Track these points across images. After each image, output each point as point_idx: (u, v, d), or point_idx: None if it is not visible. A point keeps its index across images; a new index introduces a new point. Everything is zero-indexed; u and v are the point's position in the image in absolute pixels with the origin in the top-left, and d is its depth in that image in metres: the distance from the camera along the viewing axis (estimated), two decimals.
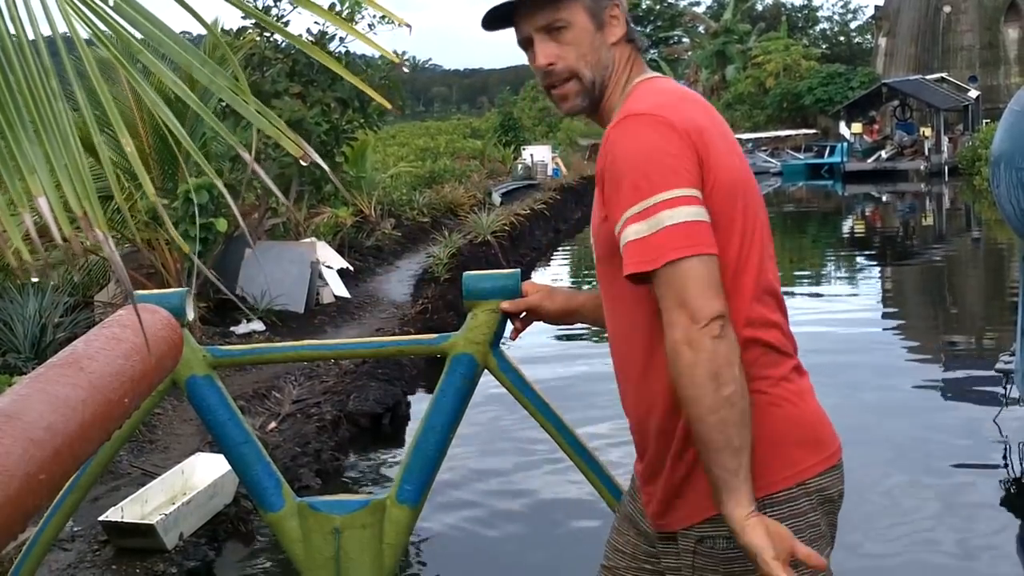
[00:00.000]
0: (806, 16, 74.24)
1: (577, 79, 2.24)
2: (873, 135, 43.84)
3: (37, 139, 1.57)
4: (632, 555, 2.44)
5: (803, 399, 2.22)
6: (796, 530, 2.08)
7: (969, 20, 48.83)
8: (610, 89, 2.27)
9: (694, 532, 2.20)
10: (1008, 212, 6.15)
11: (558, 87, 2.26)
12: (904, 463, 7.21)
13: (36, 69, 1.63)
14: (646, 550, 2.41)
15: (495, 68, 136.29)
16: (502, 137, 39.12)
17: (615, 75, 2.26)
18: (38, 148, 1.56)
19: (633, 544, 2.44)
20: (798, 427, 2.20)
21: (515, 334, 2.74)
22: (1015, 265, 16.29)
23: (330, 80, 13.14)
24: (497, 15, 2.27)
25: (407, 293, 13.88)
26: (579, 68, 2.22)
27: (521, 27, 2.26)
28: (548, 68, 2.23)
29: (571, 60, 2.22)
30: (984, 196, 27.62)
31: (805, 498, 2.17)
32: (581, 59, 2.22)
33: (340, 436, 8.14)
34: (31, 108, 1.60)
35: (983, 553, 5.96)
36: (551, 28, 2.22)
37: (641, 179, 2.04)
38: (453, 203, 22.52)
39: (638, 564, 2.42)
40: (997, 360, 7.82)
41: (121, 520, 5.50)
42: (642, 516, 2.42)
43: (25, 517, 1.59)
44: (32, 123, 1.58)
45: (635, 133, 2.09)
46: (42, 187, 1.49)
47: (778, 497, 2.14)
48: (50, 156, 1.56)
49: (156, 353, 2.15)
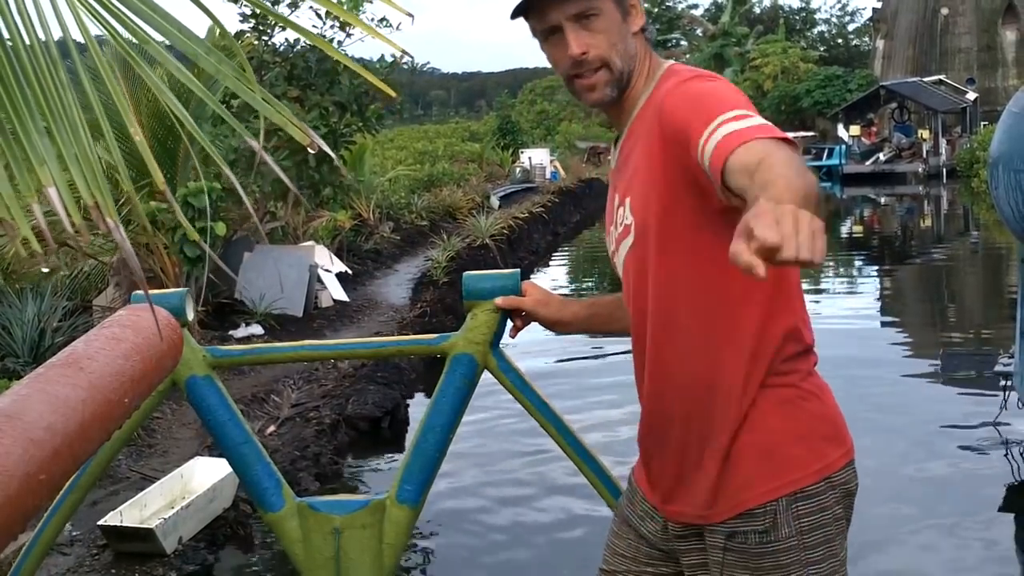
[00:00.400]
0: (804, 19, 74.21)
1: (607, 68, 2.21)
2: (871, 137, 43.83)
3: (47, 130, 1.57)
4: (633, 558, 2.44)
5: (825, 394, 2.27)
6: (823, 524, 2.16)
7: (967, 22, 48.84)
8: (635, 78, 2.26)
9: (724, 527, 2.21)
10: (1007, 214, 6.16)
11: (586, 77, 2.23)
12: (902, 465, 7.21)
13: (45, 60, 1.63)
14: (648, 552, 2.41)
15: (493, 71, 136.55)
16: (500, 140, 39.15)
17: (639, 64, 2.26)
18: (47, 139, 1.55)
19: (634, 548, 2.44)
20: (824, 422, 2.24)
21: (514, 332, 2.73)
22: (1013, 267, 16.30)
23: (328, 84, 13.16)
24: (528, 4, 2.23)
25: (405, 297, 13.88)
26: (610, 57, 2.20)
27: (549, 15, 2.21)
28: (581, 57, 2.20)
29: (603, 49, 2.20)
30: (982, 198, 27.63)
31: (831, 492, 2.20)
32: (612, 48, 2.20)
33: (339, 440, 8.14)
34: (40, 99, 1.60)
35: (982, 555, 5.96)
36: (583, 16, 2.18)
37: (724, 101, 1.97)
38: (451, 206, 22.53)
39: (639, 567, 2.42)
40: (996, 362, 7.82)
41: (120, 524, 5.49)
42: (641, 519, 2.42)
43: (25, 517, 1.58)
44: (41, 114, 1.58)
45: (702, 83, 2.10)
46: (52, 178, 1.49)
47: (809, 491, 2.18)
48: (60, 147, 1.56)
49: (156, 353, 2.14)
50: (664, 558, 2.40)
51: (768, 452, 2.16)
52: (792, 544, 2.16)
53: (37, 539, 2.66)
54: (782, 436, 2.17)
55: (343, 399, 8.78)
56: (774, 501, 2.16)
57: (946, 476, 7.17)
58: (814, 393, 2.24)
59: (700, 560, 2.28)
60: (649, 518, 2.40)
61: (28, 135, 1.55)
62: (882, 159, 41.33)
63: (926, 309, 14.91)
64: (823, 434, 2.23)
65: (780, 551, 2.16)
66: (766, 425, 2.18)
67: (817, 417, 2.23)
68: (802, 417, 2.20)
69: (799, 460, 2.18)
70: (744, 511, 2.16)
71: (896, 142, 42.35)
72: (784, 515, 2.16)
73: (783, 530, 2.16)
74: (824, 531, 2.18)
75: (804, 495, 2.17)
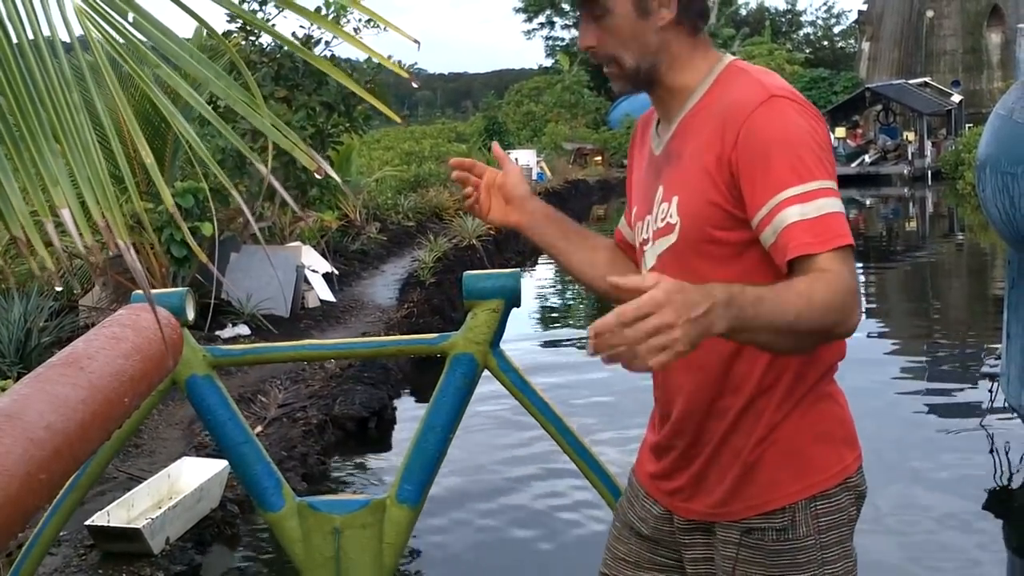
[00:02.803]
0: (790, 21, 74.34)
1: (616, 63, 2.22)
2: (856, 139, 43.93)
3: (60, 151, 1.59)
4: (636, 563, 2.43)
5: (841, 396, 2.29)
6: (839, 524, 2.20)
7: (952, 25, 49.00)
8: (663, 72, 2.22)
9: (741, 524, 2.21)
10: (994, 216, 6.17)
11: (604, 68, 2.25)
12: (888, 467, 7.21)
13: (58, 82, 1.64)
14: (650, 558, 2.41)
15: (479, 72, 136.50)
16: (487, 141, 39.12)
17: (668, 58, 2.22)
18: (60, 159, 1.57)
19: (636, 552, 2.43)
20: (842, 425, 2.27)
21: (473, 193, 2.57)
22: (998, 268, 16.36)
23: (316, 84, 13.13)
24: None
25: (392, 297, 13.86)
26: (618, 54, 2.21)
27: (575, 6, 2.26)
28: (589, 50, 2.24)
29: (610, 46, 2.21)
30: (967, 200, 27.73)
31: (846, 494, 2.23)
32: (620, 46, 2.20)
33: (326, 440, 8.13)
34: (53, 120, 1.61)
35: (968, 557, 5.97)
36: (593, 13, 2.20)
37: (798, 162, 2.01)
38: (438, 207, 22.50)
39: (643, 571, 2.42)
40: (982, 363, 7.85)
41: (107, 524, 5.47)
42: (643, 520, 2.41)
43: (25, 517, 1.58)
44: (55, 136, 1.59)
45: (786, 115, 2.07)
46: (65, 198, 1.50)
47: (830, 492, 2.20)
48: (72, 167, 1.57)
49: (156, 352, 2.14)
50: (667, 556, 2.39)
51: (792, 453, 2.17)
52: (809, 543, 2.18)
53: (37, 539, 2.66)
54: (806, 438, 2.18)
55: (330, 399, 8.77)
56: (795, 502, 2.18)
57: (932, 477, 7.18)
58: (832, 396, 2.25)
59: (704, 555, 2.29)
60: (651, 516, 2.39)
61: (42, 156, 1.57)
62: (867, 161, 41.43)
63: (912, 310, 14.94)
64: (842, 436, 2.25)
65: (797, 549, 2.18)
66: (791, 426, 2.19)
67: (836, 420, 2.25)
68: (824, 419, 2.22)
69: (821, 462, 2.20)
70: (769, 510, 2.17)
71: (881, 144, 42.47)
72: (803, 514, 2.18)
73: (801, 529, 2.18)
74: (840, 532, 2.21)
75: (823, 495, 2.19)
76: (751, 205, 2.04)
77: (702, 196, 2.13)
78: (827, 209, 1.98)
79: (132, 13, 1.74)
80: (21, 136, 1.57)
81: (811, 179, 2.00)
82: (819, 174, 2.01)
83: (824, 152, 2.06)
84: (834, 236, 1.96)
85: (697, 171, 2.14)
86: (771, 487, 2.15)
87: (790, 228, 1.98)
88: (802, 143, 2.04)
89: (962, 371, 10.14)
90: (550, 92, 52.58)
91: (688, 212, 2.17)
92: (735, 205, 2.09)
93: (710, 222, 2.13)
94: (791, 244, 1.97)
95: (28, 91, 1.60)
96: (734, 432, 2.20)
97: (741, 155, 2.06)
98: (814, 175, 2.01)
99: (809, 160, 2.02)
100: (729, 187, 2.09)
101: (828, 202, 1.99)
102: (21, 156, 1.57)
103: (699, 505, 2.27)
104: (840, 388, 2.29)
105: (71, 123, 1.62)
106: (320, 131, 13.19)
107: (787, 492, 2.18)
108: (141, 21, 1.73)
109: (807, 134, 2.06)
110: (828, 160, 2.06)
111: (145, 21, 1.73)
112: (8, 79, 1.59)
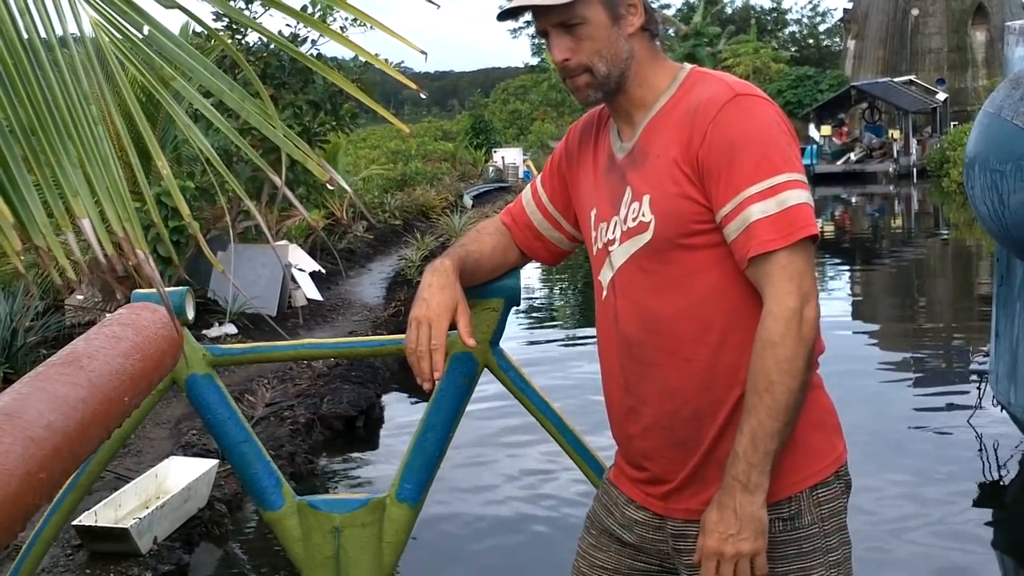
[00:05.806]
0: (775, 19, 74.56)
1: (590, 72, 2.23)
2: (842, 137, 44.08)
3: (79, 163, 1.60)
4: (615, 570, 2.43)
5: (823, 386, 2.31)
6: (838, 512, 2.26)
7: (937, 23, 49.22)
8: (630, 79, 2.25)
9: None
10: (983, 213, 6.19)
11: (572, 79, 2.25)
12: (877, 465, 7.23)
13: (77, 96, 1.66)
14: (630, 564, 2.41)
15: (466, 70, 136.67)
16: (473, 140, 39.17)
17: (635, 65, 2.25)
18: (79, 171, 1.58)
19: (616, 559, 2.43)
20: (830, 414, 2.31)
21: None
22: (983, 266, 16.43)
23: (302, 83, 13.11)
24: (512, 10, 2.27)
25: (379, 296, 13.85)
26: (593, 62, 2.22)
27: (538, 20, 2.25)
28: (563, 63, 2.24)
29: (584, 56, 2.21)
30: (952, 198, 27.86)
31: (837, 483, 2.28)
32: (595, 54, 2.21)
33: (314, 439, 8.11)
34: (72, 133, 1.63)
35: (956, 554, 5.99)
36: (567, 24, 2.21)
37: (763, 159, 2.08)
38: (425, 205, 22.54)
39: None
40: (970, 361, 7.87)
41: (95, 524, 5.45)
42: (625, 528, 2.39)
43: (25, 516, 1.57)
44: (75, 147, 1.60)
45: (751, 112, 2.13)
46: (85, 209, 1.51)
47: (828, 480, 2.25)
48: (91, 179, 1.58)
49: (156, 351, 2.13)
50: (648, 563, 2.39)
51: (793, 443, 2.15)
52: (814, 531, 2.22)
53: (37, 538, 2.65)
54: (804, 427, 2.18)
55: (317, 398, 8.76)
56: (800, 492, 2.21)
57: (920, 473, 7.19)
58: (819, 385, 2.28)
59: None
60: (635, 523, 2.38)
61: (62, 167, 1.59)
62: (853, 159, 41.59)
63: (899, 308, 14.96)
64: (832, 425, 2.31)
65: (803, 538, 2.21)
66: None
67: (826, 409, 2.30)
68: (817, 409, 2.25)
69: (819, 451, 2.24)
70: (775, 501, 2.17)
71: (867, 142, 42.63)
72: (807, 503, 2.22)
73: (806, 517, 2.22)
74: (839, 519, 2.26)
75: (823, 484, 2.24)
76: (716, 202, 2.11)
77: (675, 191, 2.17)
78: (790, 202, 2.07)
79: (147, 26, 1.75)
80: (42, 149, 1.58)
81: (775, 174, 2.07)
82: (783, 167, 2.09)
83: (790, 147, 2.14)
84: (795, 230, 2.06)
85: (668, 168, 2.18)
86: (776, 477, 2.13)
87: (751, 227, 2.07)
88: (769, 139, 2.11)
89: (949, 369, 10.17)
90: (536, 90, 52.71)
91: (662, 209, 2.19)
92: (708, 199, 2.14)
93: (687, 215, 2.16)
94: (752, 243, 2.07)
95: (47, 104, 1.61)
96: (731, 425, 2.18)
97: (709, 152, 2.12)
98: (779, 169, 2.08)
99: (775, 156, 2.09)
100: (700, 181, 2.14)
101: (791, 195, 2.07)
102: (42, 169, 1.58)
103: (698, 504, 2.24)
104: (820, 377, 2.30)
105: (90, 136, 1.63)
106: (307, 130, 13.17)
107: (791, 481, 2.20)
108: (155, 33, 1.75)
109: (773, 128, 2.13)
110: (794, 154, 2.14)
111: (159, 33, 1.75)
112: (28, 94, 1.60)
